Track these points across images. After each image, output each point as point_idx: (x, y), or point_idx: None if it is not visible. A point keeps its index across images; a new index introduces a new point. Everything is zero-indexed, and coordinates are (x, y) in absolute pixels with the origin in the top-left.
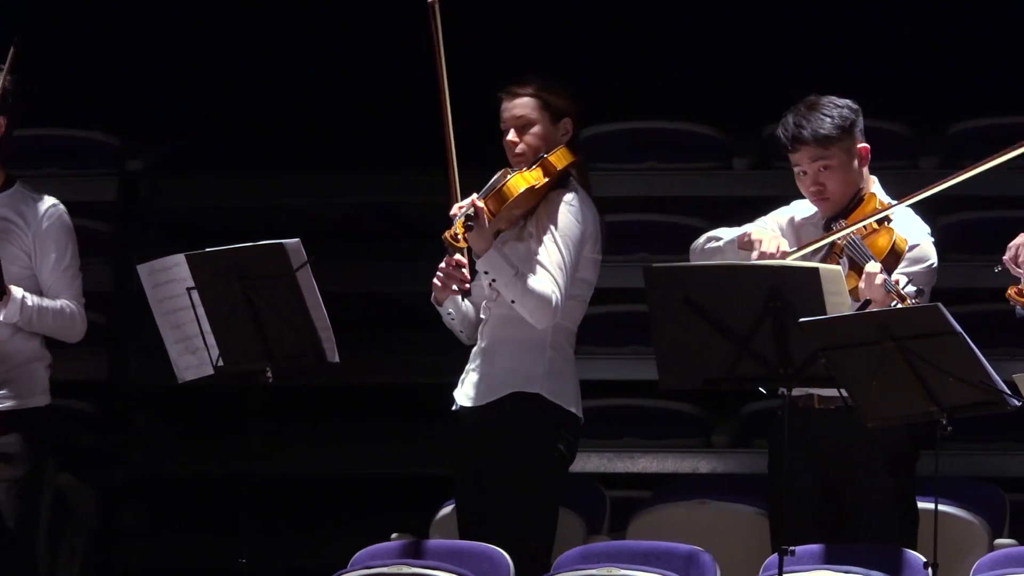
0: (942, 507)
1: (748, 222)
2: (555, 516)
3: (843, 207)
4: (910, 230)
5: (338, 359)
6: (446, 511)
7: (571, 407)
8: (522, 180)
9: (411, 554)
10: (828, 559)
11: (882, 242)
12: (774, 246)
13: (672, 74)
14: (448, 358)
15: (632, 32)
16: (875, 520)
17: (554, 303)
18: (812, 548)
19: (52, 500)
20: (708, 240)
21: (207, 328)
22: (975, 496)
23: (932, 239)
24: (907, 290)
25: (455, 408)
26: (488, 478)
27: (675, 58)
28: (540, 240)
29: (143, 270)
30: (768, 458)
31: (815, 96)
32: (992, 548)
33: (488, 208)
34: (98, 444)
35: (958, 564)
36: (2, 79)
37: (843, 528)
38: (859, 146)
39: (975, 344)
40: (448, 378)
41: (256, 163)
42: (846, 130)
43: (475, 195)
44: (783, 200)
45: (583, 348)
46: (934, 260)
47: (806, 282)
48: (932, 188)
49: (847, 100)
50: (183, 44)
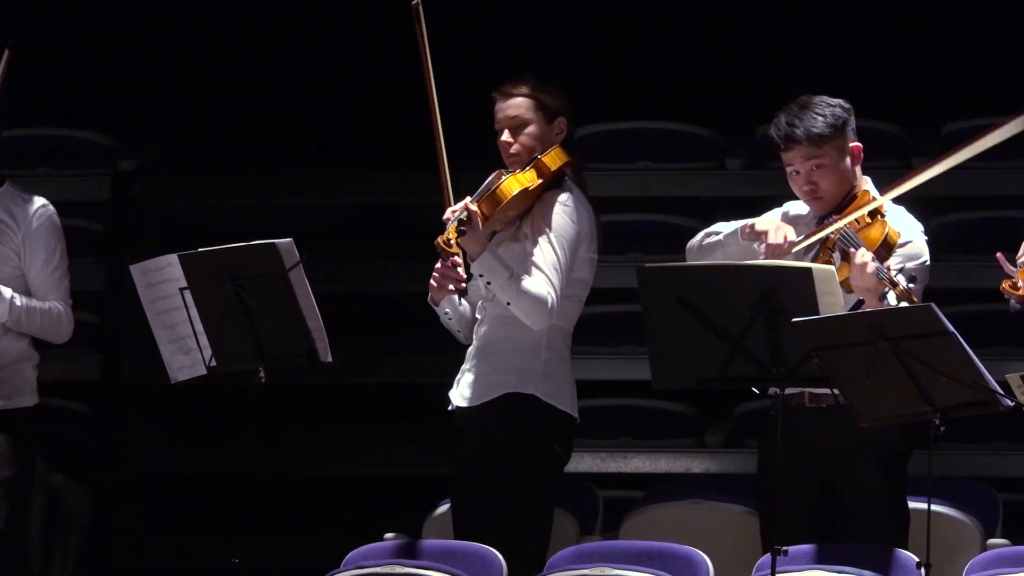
0: (935, 507)
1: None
2: (550, 517)
3: (836, 206)
4: (904, 227)
5: (331, 359)
6: (440, 511)
7: (566, 408)
8: (516, 182)
9: (404, 554)
10: (821, 559)
11: (875, 234)
12: (781, 236)
13: (665, 74)
14: (445, 358)
15: (625, 32)
16: (866, 518)
17: (550, 304)
18: (805, 548)
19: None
20: (706, 236)
21: (200, 328)
22: (968, 496)
23: (925, 237)
24: (900, 278)
25: (451, 408)
26: (484, 478)
27: (668, 58)
28: (535, 241)
29: (136, 270)
30: (758, 458)
31: (807, 96)
32: (985, 548)
33: (482, 211)
34: (91, 444)
35: (951, 564)
36: None
37: (834, 526)
38: (851, 145)
39: (968, 344)
40: (444, 378)
41: (251, 163)
42: (838, 129)
43: (468, 199)
44: (777, 200)
45: (576, 348)
46: (927, 257)
47: (799, 282)
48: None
49: (839, 99)
50: (177, 44)
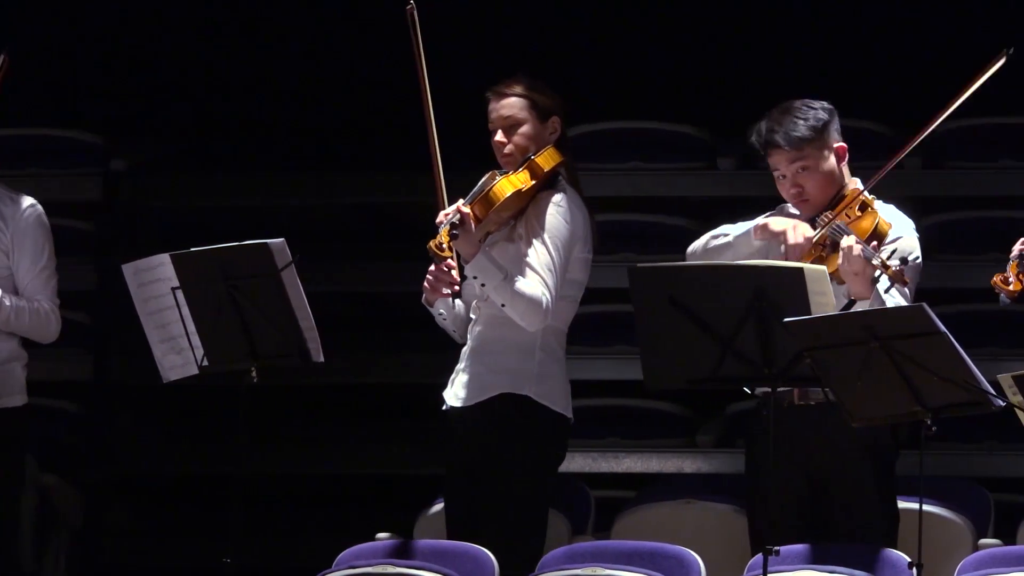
0: (927, 507)
1: (731, 222)
2: (545, 517)
3: (826, 207)
4: (896, 224)
5: (323, 359)
6: (432, 511)
7: (560, 409)
8: (508, 184)
9: (396, 554)
10: (812, 559)
11: (865, 224)
12: (800, 235)
13: (657, 74)
14: (440, 357)
15: (617, 33)
16: (854, 515)
17: (544, 305)
18: (796, 548)
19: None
20: (712, 238)
21: (192, 328)
22: (960, 496)
23: (917, 235)
24: (893, 260)
25: (445, 408)
26: (477, 479)
27: (660, 58)
28: (530, 242)
29: (128, 270)
30: (744, 457)
31: (788, 101)
32: (977, 548)
33: (475, 213)
34: (83, 444)
35: (943, 564)
36: None
37: (823, 523)
38: (836, 146)
39: (960, 344)
40: (438, 378)
41: (244, 163)
42: (819, 131)
43: (461, 201)
44: (768, 200)
45: (568, 348)
46: (919, 254)
47: (791, 282)
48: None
49: (822, 102)
50: (169, 43)
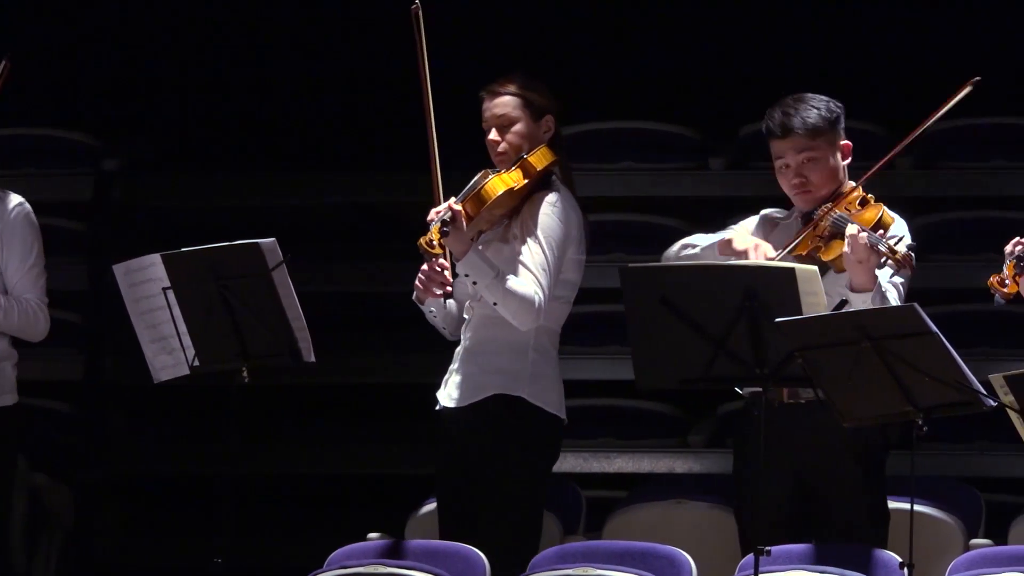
0: (918, 507)
1: (724, 222)
2: (539, 517)
3: (823, 203)
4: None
5: (314, 358)
6: (423, 511)
7: (554, 410)
8: (500, 182)
9: (387, 554)
10: (804, 559)
11: (868, 215)
12: (760, 255)
13: (650, 74)
14: (434, 357)
15: (610, 33)
16: (843, 514)
17: (537, 304)
18: (788, 548)
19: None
20: (683, 247)
21: (183, 328)
22: (951, 496)
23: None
24: (900, 245)
25: (438, 408)
26: (471, 479)
27: (653, 58)
28: (524, 242)
29: (119, 270)
30: (733, 457)
31: (798, 93)
32: (968, 548)
33: (466, 211)
34: (74, 444)
35: (934, 564)
36: None
37: (811, 522)
38: (842, 143)
39: (952, 344)
40: (432, 378)
41: (236, 163)
42: (832, 123)
43: (452, 199)
44: (759, 200)
45: (559, 347)
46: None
47: (782, 282)
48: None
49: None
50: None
